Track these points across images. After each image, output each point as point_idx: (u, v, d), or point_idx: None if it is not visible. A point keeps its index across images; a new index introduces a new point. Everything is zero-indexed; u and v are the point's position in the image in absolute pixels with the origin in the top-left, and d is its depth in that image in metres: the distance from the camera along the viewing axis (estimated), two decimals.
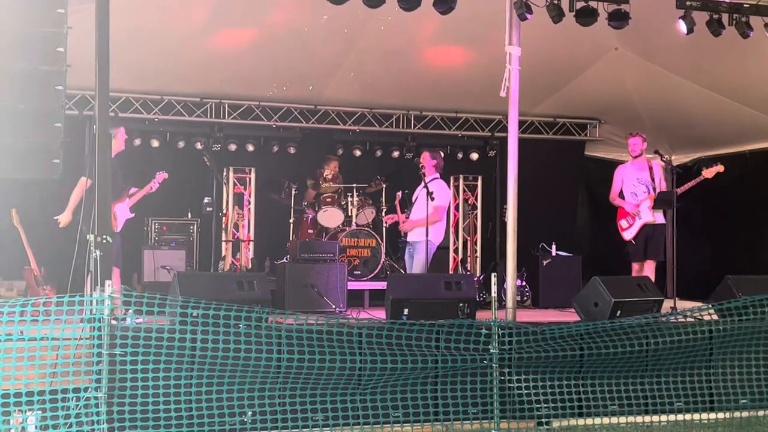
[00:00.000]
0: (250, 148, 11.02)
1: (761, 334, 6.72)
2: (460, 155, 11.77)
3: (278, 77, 9.88)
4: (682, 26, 7.61)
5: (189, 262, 9.89)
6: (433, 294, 7.08)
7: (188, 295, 5.75)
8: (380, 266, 9.77)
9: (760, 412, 6.66)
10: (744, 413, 6.61)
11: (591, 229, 12.49)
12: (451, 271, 10.95)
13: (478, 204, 11.56)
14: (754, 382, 6.77)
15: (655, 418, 6.43)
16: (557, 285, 9.76)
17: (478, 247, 11.50)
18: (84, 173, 7.12)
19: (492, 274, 6.29)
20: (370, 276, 9.71)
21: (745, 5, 7.58)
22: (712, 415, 6.51)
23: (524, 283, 10.15)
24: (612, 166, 9.86)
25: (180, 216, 10.41)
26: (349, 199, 10.08)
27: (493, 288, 6.15)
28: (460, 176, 11.59)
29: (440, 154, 9.42)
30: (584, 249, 11.46)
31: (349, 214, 10.03)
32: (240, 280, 6.61)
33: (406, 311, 6.87)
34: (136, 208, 8.26)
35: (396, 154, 11.57)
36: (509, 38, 7.14)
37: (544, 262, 10.01)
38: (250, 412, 5.68)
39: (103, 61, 5.74)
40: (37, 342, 5.12)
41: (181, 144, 10.77)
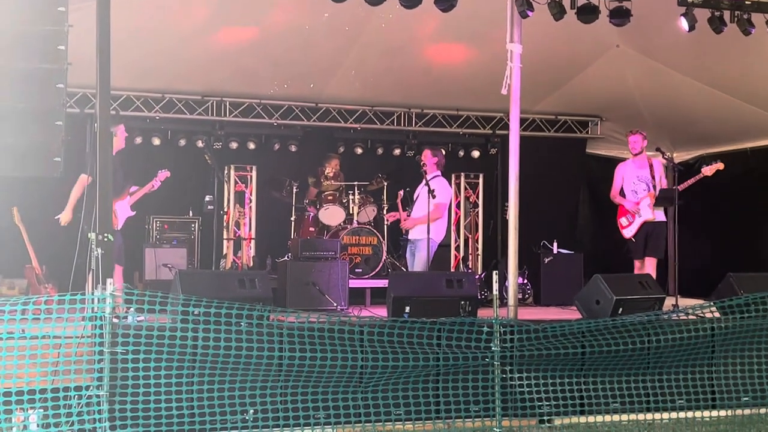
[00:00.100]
0: (252, 146, 11.03)
1: (763, 332, 6.72)
2: (461, 153, 11.78)
3: (279, 75, 9.87)
4: (684, 23, 7.60)
5: (190, 260, 9.91)
6: (434, 292, 7.08)
7: (189, 293, 5.74)
8: (381, 264, 9.78)
9: (762, 410, 6.65)
10: (746, 411, 6.60)
11: (592, 226, 12.47)
12: (452, 269, 10.94)
13: (480, 202, 11.54)
14: (756, 380, 6.76)
15: (657, 415, 6.42)
16: (559, 282, 9.77)
17: (480, 245, 11.48)
18: (85, 171, 7.13)
19: (493, 272, 6.27)
20: (372, 274, 9.72)
21: (746, 2, 7.57)
22: (714, 413, 6.50)
23: (526, 281, 10.15)
24: (613, 164, 9.85)
25: (181, 214, 10.42)
26: (350, 197, 10.09)
27: (495, 286, 6.15)
28: (462, 174, 11.56)
29: (441, 152, 9.41)
30: (586, 246, 11.46)
31: (351, 212, 10.03)
32: (241, 278, 6.61)
33: (407, 309, 6.88)
34: (137, 206, 8.27)
35: (397, 151, 11.57)
36: (510, 36, 7.13)
37: (546, 260, 10.02)
38: (251, 410, 5.67)
39: (104, 59, 5.74)
40: (38, 340, 5.12)
41: (183, 142, 10.77)
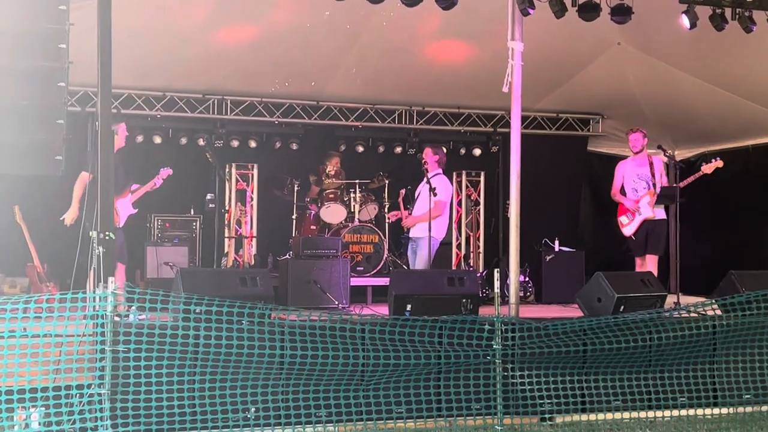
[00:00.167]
0: (253, 144, 11.04)
1: (765, 329, 6.71)
2: (462, 151, 11.78)
3: (280, 73, 9.87)
4: (685, 21, 7.59)
5: (192, 258, 9.91)
6: (436, 290, 7.08)
7: (191, 291, 5.74)
8: (383, 262, 9.78)
9: (763, 407, 6.65)
10: (748, 408, 6.60)
11: (594, 224, 12.46)
12: (453, 267, 10.94)
13: (481, 200, 11.53)
14: (758, 377, 6.75)
15: (658, 413, 6.41)
16: (560, 280, 9.77)
17: (481, 243, 11.47)
18: (86, 169, 7.12)
19: (495, 270, 6.28)
20: (373, 272, 9.72)
21: None
22: (715, 411, 6.51)
23: (527, 279, 10.15)
24: (615, 161, 9.84)
25: (183, 212, 10.43)
26: (351, 195, 10.09)
27: (496, 284, 6.16)
28: (463, 172, 11.55)
29: (442, 150, 9.40)
30: (587, 244, 11.47)
31: (352, 210, 10.03)
32: (243, 276, 6.61)
33: (408, 307, 6.88)
34: (138, 204, 8.27)
35: (398, 150, 11.56)
36: (512, 33, 7.11)
37: (547, 258, 10.02)
38: (253, 409, 5.67)
39: (105, 58, 5.73)
40: (40, 339, 5.12)
41: (184, 140, 10.77)
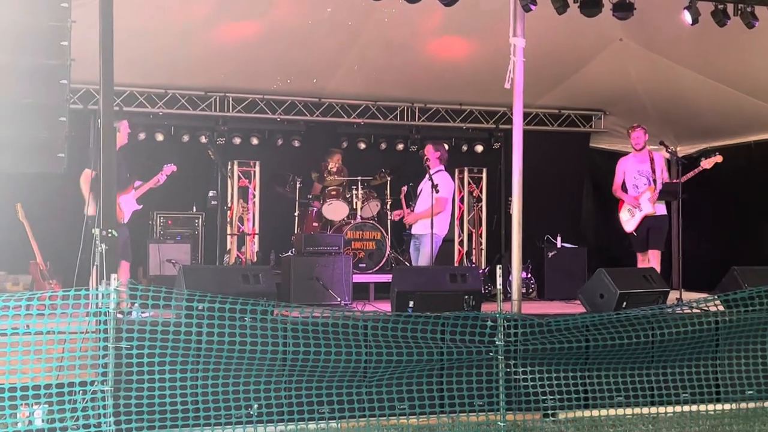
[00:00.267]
0: (255, 141, 11.05)
1: (767, 325, 6.71)
2: (464, 147, 11.78)
3: (282, 70, 9.86)
4: (687, 17, 7.57)
5: (194, 255, 9.93)
6: (438, 286, 7.07)
7: (194, 288, 5.75)
8: (385, 259, 9.79)
9: (766, 403, 6.64)
10: (750, 404, 6.60)
11: (596, 220, 12.46)
12: (456, 264, 10.94)
13: (483, 196, 11.54)
14: (761, 373, 6.74)
15: (661, 409, 6.42)
16: (562, 277, 9.77)
17: (484, 240, 11.48)
18: (89, 167, 7.13)
19: (497, 266, 6.27)
20: (375, 269, 9.73)
21: None
22: (718, 406, 6.51)
23: (529, 275, 10.15)
24: (617, 158, 9.81)
25: (185, 210, 10.44)
26: (353, 192, 10.10)
27: (499, 280, 6.15)
28: (465, 168, 11.56)
29: (444, 147, 9.39)
30: (589, 240, 11.47)
31: (354, 207, 10.04)
32: (245, 273, 6.60)
33: (411, 304, 6.88)
34: (141, 201, 8.27)
35: (400, 146, 11.57)
36: (513, 30, 7.11)
37: (550, 254, 10.02)
38: (255, 405, 5.67)
39: (107, 55, 5.74)
40: (43, 336, 5.11)
41: (186, 138, 10.79)
